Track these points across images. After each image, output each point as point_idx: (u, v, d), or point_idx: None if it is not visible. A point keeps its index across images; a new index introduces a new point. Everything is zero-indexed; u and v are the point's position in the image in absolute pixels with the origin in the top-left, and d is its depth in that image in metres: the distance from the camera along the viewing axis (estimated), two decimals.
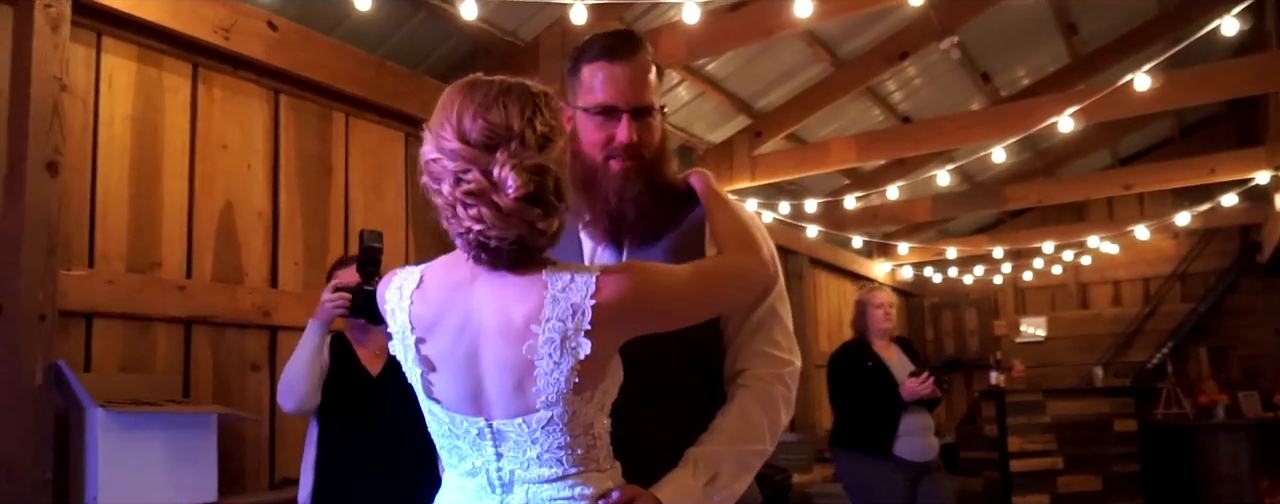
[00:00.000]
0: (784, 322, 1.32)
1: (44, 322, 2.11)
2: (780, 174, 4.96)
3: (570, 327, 1.01)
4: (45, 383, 2.08)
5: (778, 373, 1.26)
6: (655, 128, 1.28)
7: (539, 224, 1.03)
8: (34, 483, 2.01)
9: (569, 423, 1.04)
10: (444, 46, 3.71)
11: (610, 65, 1.26)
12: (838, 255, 6.70)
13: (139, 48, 2.59)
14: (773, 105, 5.02)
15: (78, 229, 2.36)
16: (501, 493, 1.07)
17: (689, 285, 1.13)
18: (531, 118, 1.03)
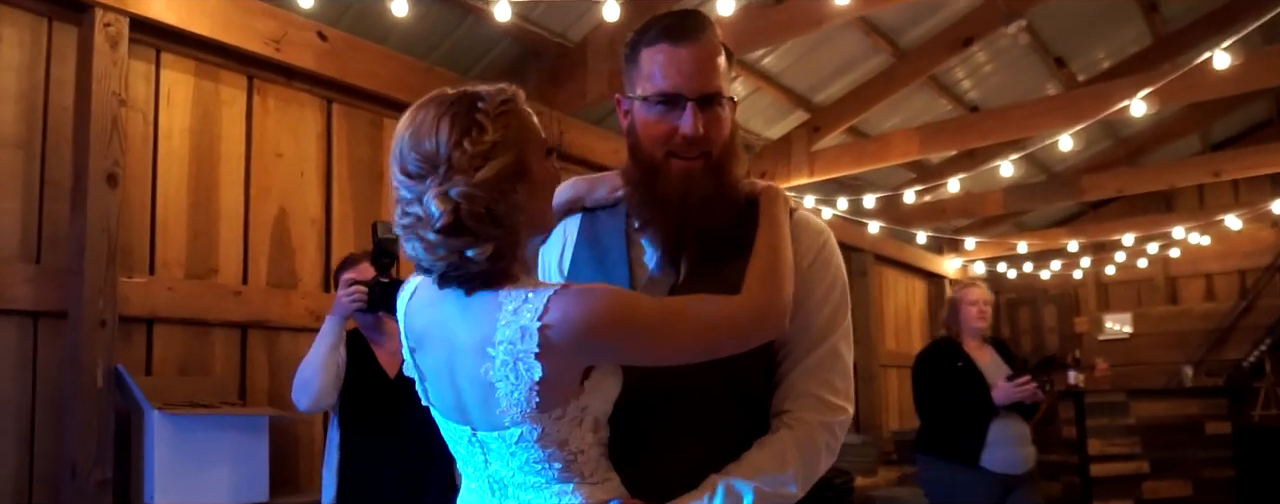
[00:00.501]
0: (845, 363, 1.18)
1: (104, 327, 2.20)
2: (839, 169, 4.84)
3: (520, 349, 0.98)
4: (106, 386, 2.17)
5: (826, 422, 1.14)
6: (724, 120, 1.14)
7: (469, 252, 1.00)
8: (96, 482, 2.11)
9: (541, 439, 1.02)
10: (493, 51, 3.74)
11: (672, 48, 1.12)
12: (904, 251, 6.50)
13: (196, 62, 2.69)
14: (831, 99, 4.90)
15: (139, 238, 2.46)
16: (499, 497, 1.07)
17: (659, 323, 1.02)
18: (462, 140, 0.99)
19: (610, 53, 3.69)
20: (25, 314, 2.18)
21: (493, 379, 1.00)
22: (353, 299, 2.08)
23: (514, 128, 1.02)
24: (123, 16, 2.39)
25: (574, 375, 1.02)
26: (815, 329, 1.17)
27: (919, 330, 6.89)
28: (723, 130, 1.14)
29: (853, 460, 4.65)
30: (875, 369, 5.88)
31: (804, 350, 1.16)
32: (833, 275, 1.20)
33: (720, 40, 1.15)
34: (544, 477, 1.04)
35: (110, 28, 2.37)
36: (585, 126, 3.92)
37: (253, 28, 2.70)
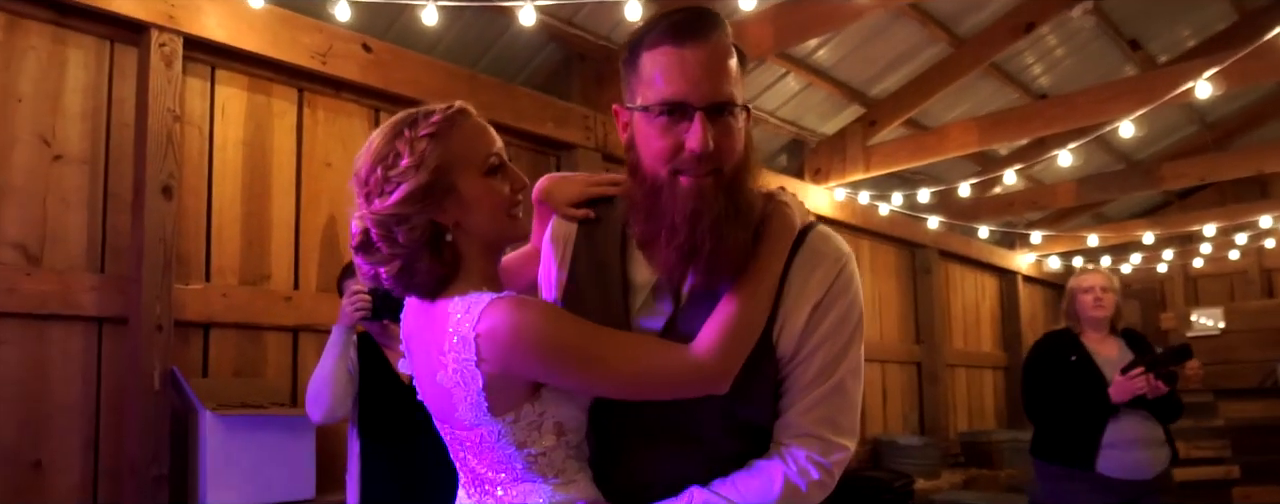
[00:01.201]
0: (850, 398, 1.09)
1: (161, 332, 2.32)
2: (895, 164, 4.72)
3: (464, 358, 1.01)
4: (162, 388, 2.29)
5: (823, 462, 1.06)
6: (738, 132, 1.01)
7: (381, 269, 1.06)
8: (152, 478, 2.23)
9: (500, 440, 1.05)
10: (540, 56, 3.79)
11: (677, 49, 0.99)
12: (971, 247, 6.29)
13: (248, 77, 2.80)
14: (888, 92, 4.78)
15: (196, 247, 2.59)
16: (480, 492, 1.10)
17: (586, 355, 1.00)
18: (376, 166, 1.05)
19: None
20: (91, 320, 2.31)
21: (448, 385, 1.04)
22: (357, 307, 2.10)
23: (433, 152, 1.04)
24: (176, 36, 2.52)
25: (518, 384, 1.03)
26: (818, 365, 1.07)
27: (990, 329, 6.66)
28: (736, 143, 1.01)
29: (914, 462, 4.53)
30: (940, 369, 5.71)
31: (806, 385, 1.07)
32: (846, 308, 1.08)
33: (731, 40, 1.03)
34: (512, 472, 1.06)
35: (165, 47, 2.50)
36: None
37: (300, 42, 2.80)
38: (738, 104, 1.02)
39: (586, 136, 3.68)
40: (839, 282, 1.08)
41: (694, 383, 1.01)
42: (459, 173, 1.06)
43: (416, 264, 1.05)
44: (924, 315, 5.78)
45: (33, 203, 2.28)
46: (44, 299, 2.22)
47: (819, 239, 1.10)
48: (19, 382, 2.18)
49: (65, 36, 2.41)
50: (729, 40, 1.02)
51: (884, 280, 5.62)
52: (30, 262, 2.25)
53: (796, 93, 4.63)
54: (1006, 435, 5.22)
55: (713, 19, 1.01)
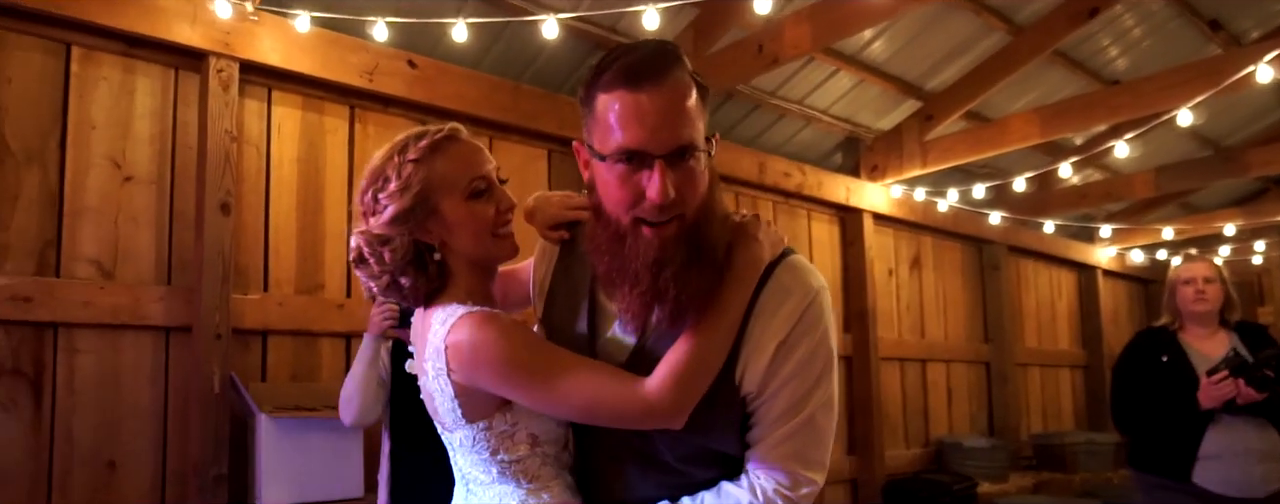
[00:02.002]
0: (821, 433, 1.07)
1: (220, 340, 2.48)
2: (953, 159, 4.60)
3: (438, 366, 1.08)
4: (222, 392, 2.44)
5: (790, 496, 1.05)
6: (700, 174, 0.98)
7: (371, 283, 1.15)
8: (212, 477, 2.38)
9: (475, 445, 1.10)
10: (584, 66, 3.85)
11: (632, 94, 0.95)
12: (1045, 241, 6.06)
13: (302, 97, 2.95)
14: (945, 85, 4.66)
15: (254, 259, 2.74)
16: (466, 491, 1.16)
17: (539, 376, 1.03)
18: (368, 189, 1.14)
19: (696, 54, 3.70)
20: (158, 329, 2.48)
21: (429, 388, 1.11)
22: (384, 317, 2.19)
23: (416, 176, 1.11)
24: (233, 62, 2.68)
25: (486, 395, 1.08)
26: (786, 401, 1.05)
27: (1067, 326, 6.40)
28: (699, 186, 0.99)
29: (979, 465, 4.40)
30: (1010, 369, 5.52)
31: (775, 420, 1.06)
32: (815, 344, 1.06)
33: (691, 75, 0.99)
34: (489, 475, 1.12)
35: (222, 72, 2.66)
36: None
37: (348, 62, 2.93)
38: (699, 146, 0.98)
39: None
40: (806, 317, 1.05)
41: (643, 418, 1.02)
42: (442, 196, 1.12)
43: (401, 280, 1.13)
44: (993, 313, 5.60)
45: (106, 222, 2.47)
46: (116, 311, 2.40)
47: (786, 273, 1.07)
48: (95, 387, 2.36)
49: (134, 66, 2.59)
50: (688, 77, 0.98)
51: (948, 278, 5.48)
52: (104, 276, 2.43)
53: (849, 90, 4.56)
54: (1082, 437, 5.01)
55: (668, 58, 0.97)
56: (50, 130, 2.42)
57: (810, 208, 4.66)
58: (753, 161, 4.24)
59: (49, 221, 2.37)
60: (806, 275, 1.09)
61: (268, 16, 2.73)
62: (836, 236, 4.80)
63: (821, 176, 4.59)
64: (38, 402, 2.28)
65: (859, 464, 4.52)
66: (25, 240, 2.33)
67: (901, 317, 5.08)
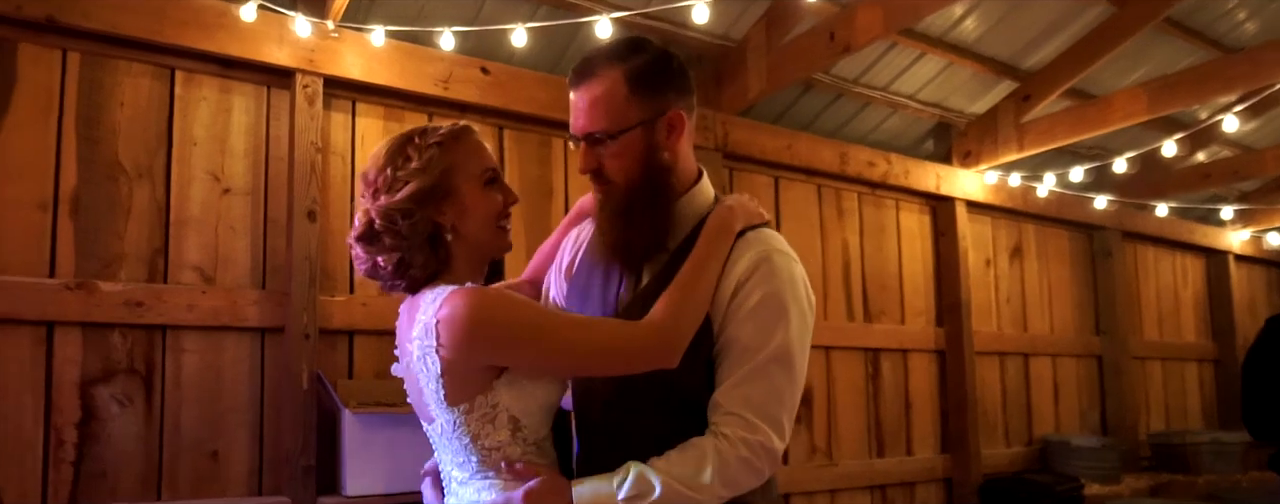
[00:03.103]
0: (775, 387, 1.17)
1: (308, 339, 2.64)
2: (1053, 141, 4.35)
3: (425, 344, 1.11)
4: (310, 389, 2.60)
5: (745, 438, 1.15)
6: (625, 152, 1.21)
7: (379, 258, 1.17)
8: (302, 468, 2.54)
9: (456, 432, 1.13)
10: None
11: (572, 92, 1.25)
12: (1164, 225, 5.64)
13: (384, 107, 3.10)
14: (1043, 63, 4.42)
15: (340, 263, 2.90)
16: (450, 490, 1.20)
17: (539, 334, 1.10)
18: (386, 167, 1.17)
19: (768, 46, 3.66)
20: (255, 330, 2.67)
21: (414, 370, 1.14)
22: None
23: (439, 158, 1.17)
24: (317, 78, 2.84)
25: (475, 371, 1.11)
26: (740, 346, 1.18)
27: (1193, 316, 5.94)
28: (625, 162, 1.21)
29: (1089, 465, 4.15)
30: (1126, 363, 5.18)
31: (731, 366, 1.18)
32: (769, 294, 1.19)
33: (622, 74, 1.20)
34: (468, 469, 1.15)
35: (308, 88, 2.83)
36: (751, 124, 3.91)
37: (424, 72, 3.06)
38: (613, 133, 1.20)
39: (705, 137, 3.72)
40: (763, 269, 1.20)
41: (641, 355, 1.13)
42: (460, 179, 1.19)
43: (414, 256, 1.17)
44: (1105, 303, 5.26)
45: (207, 231, 2.67)
46: (217, 313, 2.59)
47: (754, 236, 1.24)
48: (199, 384, 2.56)
49: (230, 86, 2.79)
50: (612, 77, 1.20)
51: (1054, 267, 5.19)
52: (206, 281, 2.63)
53: (937, 73, 4.38)
54: (1206, 436, 4.63)
55: (598, 62, 1.22)
56: (157, 149, 2.64)
57: (898, 198, 4.52)
58: (833, 152, 4.15)
59: (157, 232, 2.59)
60: (770, 239, 1.25)
61: (348, 33, 2.88)
62: (927, 227, 4.63)
63: (908, 165, 4.44)
64: (149, 398, 2.49)
65: (953, 463, 4.35)
66: (137, 250, 2.55)
67: (1001, 309, 4.85)
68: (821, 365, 4.05)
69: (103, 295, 2.44)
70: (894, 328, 4.33)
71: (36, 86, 2.49)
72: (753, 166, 3.97)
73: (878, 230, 4.40)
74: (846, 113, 4.40)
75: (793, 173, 4.09)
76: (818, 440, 3.98)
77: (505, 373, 1.13)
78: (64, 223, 2.47)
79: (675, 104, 1.24)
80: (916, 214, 4.59)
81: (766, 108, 4.14)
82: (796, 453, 3.88)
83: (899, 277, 4.45)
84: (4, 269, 2.36)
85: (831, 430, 4.04)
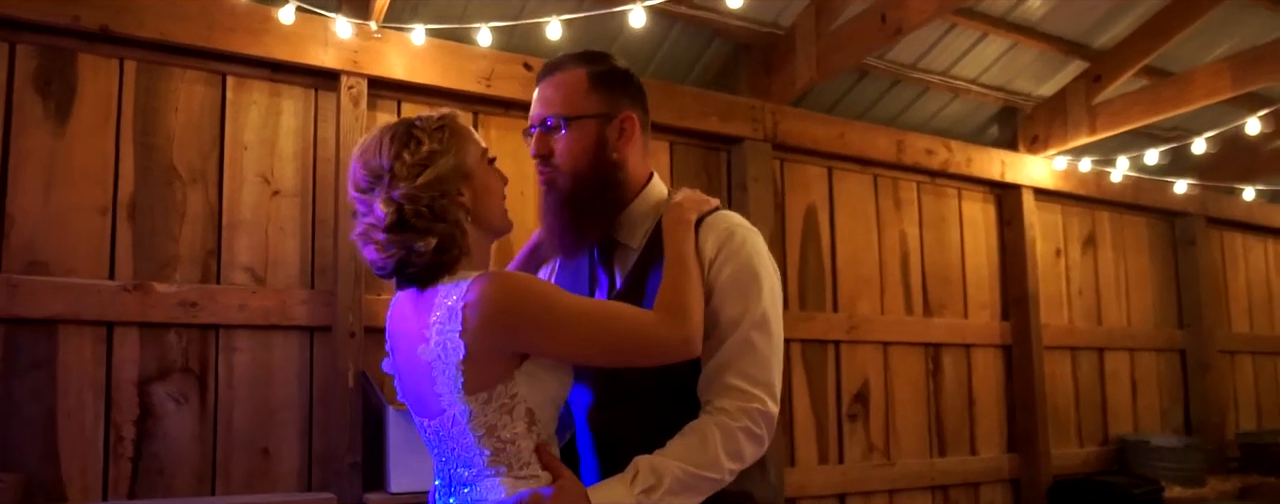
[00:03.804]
0: (761, 354, 1.24)
1: (354, 338, 2.67)
2: (1127, 122, 4.11)
3: (449, 328, 1.09)
4: (355, 387, 2.64)
5: (744, 407, 1.21)
6: (574, 143, 1.29)
7: (416, 245, 1.13)
8: (347, 465, 2.58)
9: (471, 424, 1.10)
10: (707, 53, 3.79)
11: (536, 89, 1.36)
12: (1256, 210, 5.29)
13: (429, 106, 3.11)
14: (1115, 40, 4.18)
15: None
16: (449, 493, 1.17)
17: (576, 319, 1.11)
18: (401, 152, 1.14)
19: (817, 34, 3.55)
20: (303, 329, 2.72)
21: (427, 359, 1.11)
22: None
23: (448, 140, 1.17)
24: (361, 79, 2.87)
25: (498, 358, 1.10)
26: (723, 320, 1.25)
27: None
28: (571, 147, 1.29)
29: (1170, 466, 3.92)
30: (1212, 356, 4.87)
31: (717, 341, 1.24)
32: (738, 268, 1.26)
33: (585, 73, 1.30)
34: (475, 466, 1.12)
35: (353, 89, 2.86)
36: (802, 113, 3.81)
37: (467, 70, 3.06)
38: (565, 119, 1.29)
39: (754, 128, 3.64)
40: (727, 246, 1.27)
41: (669, 344, 1.15)
42: (472, 160, 1.20)
43: (451, 237, 1.15)
44: (1188, 294, 4.97)
45: (257, 232, 2.73)
46: (267, 313, 2.65)
47: (711, 219, 1.31)
48: (250, 382, 2.62)
49: (279, 89, 2.84)
50: (574, 75, 1.31)
51: (1131, 257, 4.92)
52: (257, 281, 2.69)
53: (1001, 55, 4.19)
54: None
55: (556, 63, 1.34)
56: (210, 153, 2.70)
57: (960, 186, 4.34)
58: (889, 141, 4.01)
59: (210, 234, 2.66)
60: (727, 218, 1.32)
61: (391, 33, 2.90)
62: (992, 216, 4.44)
63: (970, 152, 4.26)
64: (203, 396, 2.56)
65: (1021, 462, 4.17)
66: (191, 252, 2.62)
67: (1073, 301, 4.62)
68: (879, 361, 3.92)
69: (158, 296, 2.52)
70: (956, 322, 4.17)
71: (96, 95, 2.58)
72: (804, 157, 3.86)
73: (938, 221, 4.24)
74: (904, 99, 4.25)
75: (847, 163, 3.97)
76: (875, 439, 3.86)
77: (525, 363, 1.12)
78: (123, 226, 2.55)
79: (630, 109, 1.34)
80: (980, 203, 4.41)
81: (819, 97, 4.02)
82: (853, 451, 3.77)
83: (961, 269, 4.28)
84: (68, 271, 2.45)
85: (890, 428, 3.91)
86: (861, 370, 3.85)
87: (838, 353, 3.80)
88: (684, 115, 3.49)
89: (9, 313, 2.35)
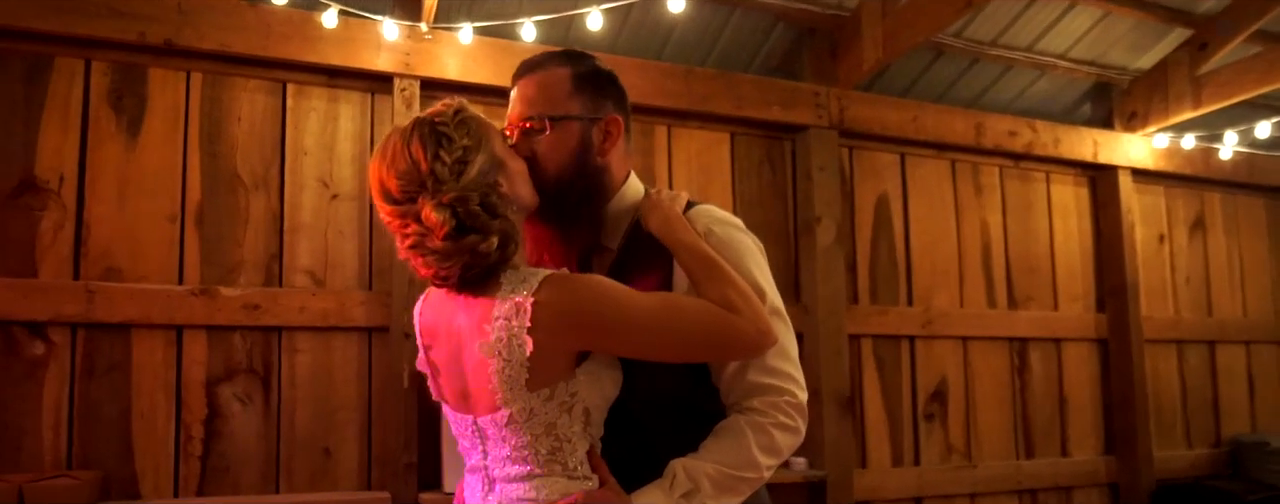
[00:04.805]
0: (780, 345, 1.19)
1: (409, 339, 2.70)
2: (1239, 93, 3.76)
3: (514, 324, 1.05)
4: (410, 387, 2.66)
5: (773, 402, 1.18)
6: (557, 145, 1.23)
7: (480, 247, 1.08)
8: (403, 465, 2.61)
9: (529, 421, 1.07)
10: (769, 39, 3.67)
11: (514, 87, 1.33)
12: None
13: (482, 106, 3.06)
14: (1222, 3, 3.81)
15: None
16: (487, 491, 1.13)
17: (647, 316, 1.07)
18: (437, 152, 1.07)
19: (883, 12, 3.37)
20: (362, 330, 2.76)
21: (487, 354, 1.08)
22: None
23: (475, 130, 1.12)
24: (414, 81, 2.89)
25: (564, 356, 1.07)
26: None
27: None
28: (555, 152, 1.24)
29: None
30: None
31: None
32: (733, 264, 1.20)
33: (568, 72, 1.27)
34: (525, 466, 1.09)
35: (405, 91, 2.89)
36: (871, 97, 3.64)
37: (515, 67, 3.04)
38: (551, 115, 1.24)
39: (818, 115, 3.49)
40: (711, 240, 1.22)
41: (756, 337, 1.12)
42: (500, 149, 1.16)
43: (511, 230, 1.11)
44: None
45: (317, 236, 2.79)
46: (326, 314, 2.70)
47: (697, 214, 1.27)
48: (312, 382, 2.69)
49: (337, 95, 2.90)
50: (556, 74, 1.27)
51: (1247, 241, 4.50)
52: (317, 284, 2.75)
53: (1092, 26, 3.89)
54: None
55: (536, 61, 1.31)
56: (272, 159, 2.77)
57: (1049, 169, 4.06)
58: (967, 123, 3.78)
59: (273, 238, 2.73)
60: (707, 212, 1.27)
61: (441, 34, 2.91)
62: (1085, 200, 4.14)
63: (1058, 132, 3.98)
64: (267, 396, 2.64)
65: (1119, 465, 3.87)
66: (255, 256, 2.70)
67: (1178, 291, 4.27)
68: (958, 357, 3.72)
69: (224, 300, 2.60)
70: (1044, 315, 3.91)
71: (165, 106, 2.68)
72: (874, 144, 3.69)
73: (1023, 207, 3.98)
74: (985, 79, 4.00)
75: (921, 148, 3.77)
76: (954, 439, 3.66)
77: (585, 363, 1.10)
78: (190, 232, 2.65)
79: (614, 111, 1.29)
80: (1071, 187, 4.12)
81: (892, 81, 3.83)
82: (930, 453, 3.59)
83: (1050, 258, 4.01)
84: (140, 277, 2.56)
85: (970, 429, 3.70)
86: (939, 367, 3.65)
87: (913, 349, 3.62)
88: (743, 105, 3.38)
89: (88, 318, 2.47)
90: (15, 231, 2.48)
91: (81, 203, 2.55)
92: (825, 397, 3.27)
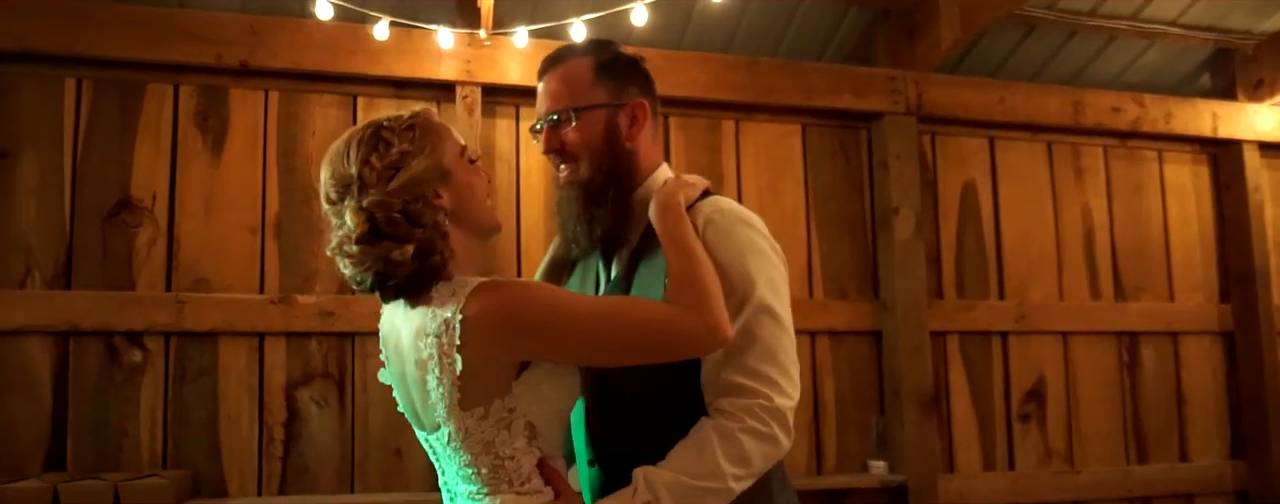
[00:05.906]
0: (763, 344, 1.14)
1: None
2: None
3: (444, 342, 1.01)
4: None
5: (745, 405, 1.11)
6: (585, 132, 1.24)
7: (393, 255, 1.04)
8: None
9: (466, 441, 1.04)
10: (842, 24, 3.52)
11: (540, 83, 1.30)
12: None
13: None
14: None
15: (507, 263, 2.98)
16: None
17: (585, 320, 1.03)
18: (369, 156, 1.06)
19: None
20: None
21: (420, 372, 1.05)
22: None
23: (421, 139, 1.09)
24: (475, 87, 2.94)
25: (500, 370, 1.03)
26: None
27: None
28: (584, 140, 1.24)
29: None
30: None
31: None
32: (730, 256, 1.17)
33: (590, 62, 1.26)
34: (475, 484, 1.05)
35: (467, 98, 2.94)
36: (951, 80, 3.44)
37: None
38: (573, 110, 1.24)
39: (893, 101, 3.33)
40: (709, 233, 1.18)
41: (704, 336, 1.07)
42: (449, 160, 1.12)
43: (431, 242, 1.07)
44: None
45: None
46: None
47: (698, 207, 1.22)
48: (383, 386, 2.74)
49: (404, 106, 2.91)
50: (578, 65, 1.26)
51: None
52: None
53: None
54: None
55: (557, 55, 1.29)
56: None
57: (1161, 147, 3.73)
58: (1062, 101, 3.52)
59: None
60: (711, 206, 1.22)
61: (500, 40, 2.94)
62: (1205, 179, 3.78)
63: (1170, 106, 3.64)
64: (341, 399, 2.74)
65: (1249, 471, 3.51)
66: (329, 265, 2.78)
67: None
68: (1058, 354, 3.46)
69: (301, 308, 2.72)
70: (1158, 306, 3.59)
71: (245, 125, 2.83)
72: (957, 128, 3.49)
73: (1131, 189, 3.67)
74: (1085, 53, 3.71)
75: (1011, 131, 3.53)
76: (1054, 442, 3.42)
77: (524, 373, 1.05)
78: (270, 244, 2.79)
79: (639, 96, 1.28)
80: (1187, 165, 3.77)
81: (980, 60, 3.61)
82: (1026, 457, 3.36)
83: (1164, 244, 3.68)
84: (226, 287, 2.72)
85: (1073, 431, 3.44)
86: (1035, 364, 3.42)
87: (1005, 345, 3.40)
88: (812, 94, 3.27)
89: (179, 327, 2.64)
90: (115, 247, 2.67)
91: (172, 218, 2.72)
92: (904, 397, 3.12)
